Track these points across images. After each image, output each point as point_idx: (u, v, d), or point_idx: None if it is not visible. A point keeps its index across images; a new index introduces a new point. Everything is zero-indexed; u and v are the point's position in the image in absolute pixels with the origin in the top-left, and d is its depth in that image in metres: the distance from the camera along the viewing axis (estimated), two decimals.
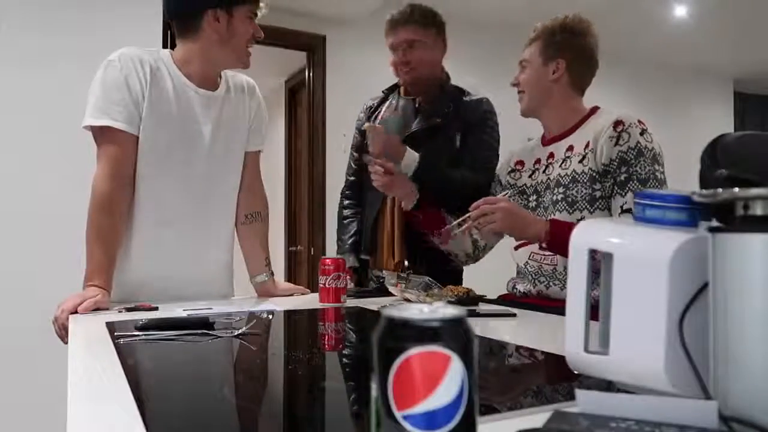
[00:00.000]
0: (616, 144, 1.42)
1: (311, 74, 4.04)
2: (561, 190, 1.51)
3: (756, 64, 5.72)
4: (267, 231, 1.73)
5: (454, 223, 1.55)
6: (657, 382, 0.58)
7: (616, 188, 1.42)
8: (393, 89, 2.08)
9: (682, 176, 1.43)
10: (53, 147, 2.49)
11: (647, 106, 5.47)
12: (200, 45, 1.49)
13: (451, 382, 0.37)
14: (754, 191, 0.51)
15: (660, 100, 5.62)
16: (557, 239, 1.37)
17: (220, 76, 1.58)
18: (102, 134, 1.41)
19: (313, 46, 3.99)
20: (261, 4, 1.53)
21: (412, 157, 1.75)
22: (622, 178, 1.41)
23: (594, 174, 1.45)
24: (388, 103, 2.04)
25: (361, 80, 4.20)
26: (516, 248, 1.60)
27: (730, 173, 0.58)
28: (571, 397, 0.55)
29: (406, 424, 0.37)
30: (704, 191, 0.56)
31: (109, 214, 1.40)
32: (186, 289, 1.51)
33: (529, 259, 1.54)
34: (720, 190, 0.53)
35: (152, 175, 1.47)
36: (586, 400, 0.53)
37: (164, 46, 3.04)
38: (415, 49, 1.90)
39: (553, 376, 0.81)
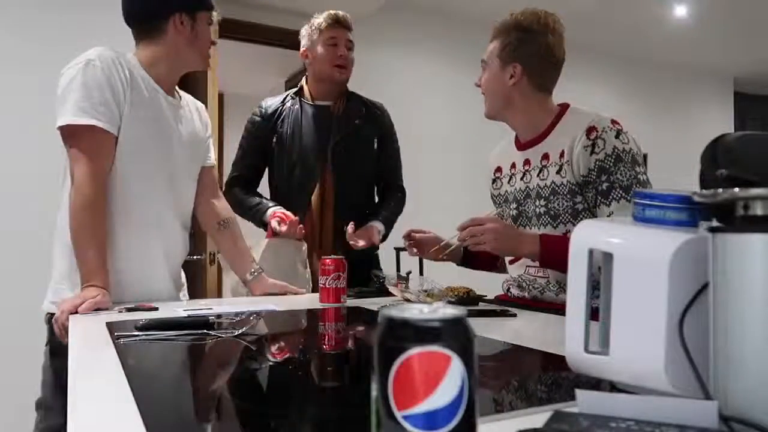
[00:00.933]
0: (592, 153, 1.36)
1: None
2: (542, 202, 1.46)
3: (756, 64, 5.72)
4: (241, 233, 1.79)
5: (442, 244, 1.54)
6: (657, 382, 0.59)
7: (599, 198, 1.37)
8: (296, 93, 2.09)
9: (682, 176, 1.43)
10: (38, 148, 2.49)
11: (647, 106, 5.48)
12: (167, 47, 1.51)
13: (451, 382, 0.37)
14: (754, 191, 0.51)
15: (660, 100, 5.63)
16: (549, 255, 1.34)
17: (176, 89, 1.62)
18: (83, 134, 1.39)
19: None
20: (216, 14, 1.60)
21: (377, 228, 1.95)
22: (604, 187, 1.36)
23: (573, 187, 1.40)
24: (289, 108, 2.04)
25: (360, 80, 4.21)
26: (510, 263, 1.58)
27: (731, 173, 0.58)
28: (571, 397, 0.55)
29: (406, 424, 0.37)
30: (704, 191, 0.56)
31: (98, 214, 1.40)
32: (162, 291, 1.56)
33: (524, 273, 1.53)
34: (720, 190, 0.53)
35: (135, 177, 1.48)
36: (586, 401, 0.53)
37: None
38: (351, 51, 2.02)
39: (553, 377, 0.81)
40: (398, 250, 3.69)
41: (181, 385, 0.81)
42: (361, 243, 1.87)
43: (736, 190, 0.52)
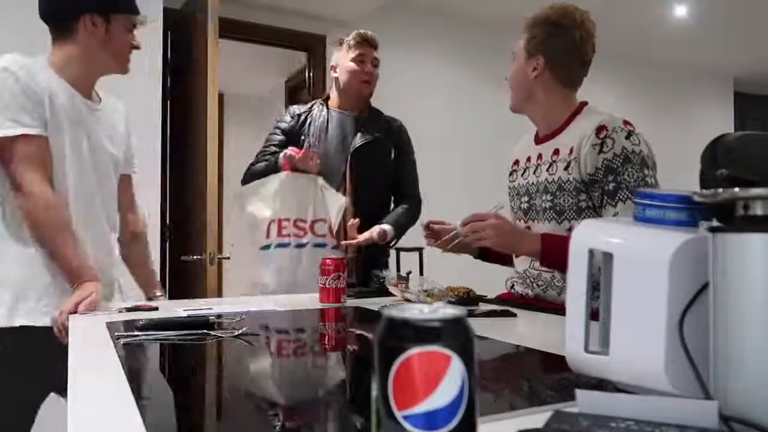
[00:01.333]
0: (600, 152, 1.35)
1: (311, 74, 4.04)
2: (548, 197, 1.47)
3: (756, 64, 5.72)
4: (150, 254, 1.82)
5: (449, 235, 1.52)
6: (657, 382, 0.58)
7: (606, 198, 1.35)
8: (324, 101, 2.22)
9: (683, 176, 1.43)
10: None
11: (647, 106, 5.48)
12: (79, 48, 1.48)
13: (451, 382, 0.37)
14: (755, 191, 0.51)
15: (660, 100, 5.62)
16: (550, 255, 1.34)
17: (96, 92, 1.59)
18: (18, 143, 1.37)
19: (313, 46, 3.99)
20: (140, 18, 1.56)
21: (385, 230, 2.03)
22: (611, 187, 1.34)
23: (579, 184, 1.39)
24: (317, 114, 2.16)
25: None
26: (516, 256, 1.58)
27: (731, 173, 0.58)
28: (571, 397, 0.55)
29: (406, 424, 0.37)
30: (704, 191, 0.56)
31: (61, 211, 1.40)
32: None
33: (529, 267, 1.53)
34: (720, 190, 0.53)
35: (74, 178, 1.47)
36: (586, 400, 0.53)
37: (164, 47, 3.04)
38: (377, 68, 2.18)
39: (553, 377, 0.81)
40: (398, 250, 3.70)
41: (181, 385, 0.81)
42: (361, 238, 1.95)
43: (736, 190, 0.52)
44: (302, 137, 2.10)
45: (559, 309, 1.26)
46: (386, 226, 2.03)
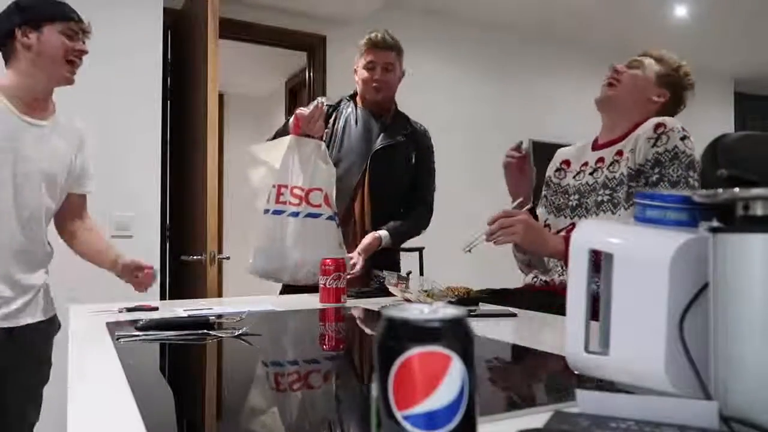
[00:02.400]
0: (654, 145, 1.41)
1: (311, 74, 4.04)
2: (607, 192, 1.50)
3: (756, 65, 5.72)
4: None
5: (476, 236, 1.53)
6: (657, 383, 0.58)
7: (648, 189, 1.39)
8: (351, 97, 2.22)
9: None
10: None
11: None
12: (20, 64, 1.51)
13: (451, 382, 0.37)
14: (755, 191, 0.51)
15: None
16: None
17: (53, 107, 1.61)
18: None
19: (314, 47, 3.99)
20: (82, 24, 1.57)
21: (380, 236, 1.99)
22: (654, 179, 1.39)
23: (632, 172, 1.44)
24: (343, 110, 2.16)
25: None
26: (541, 255, 1.57)
27: (731, 173, 0.58)
28: (571, 397, 0.55)
29: (406, 424, 0.37)
30: (705, 191, 0.56)
31: None
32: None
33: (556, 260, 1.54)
34: (720, 190, 0.53)
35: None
36: (587, 401, 0.53)
37: (164, 47, 3.05)
38: (390, 72, 2.11)
39: (553, 377, 0.81)
40: (398, 250, 3.70)
41: (181, 385, 0.81)
42: (357, 259, 1.93)
43: (737, 190, 0.52)
44: (326, 129, 2.08)
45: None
46: (382, 233, 2.00)
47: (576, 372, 0.68)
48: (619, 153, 1.51)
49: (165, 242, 3.21)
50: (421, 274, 3.41)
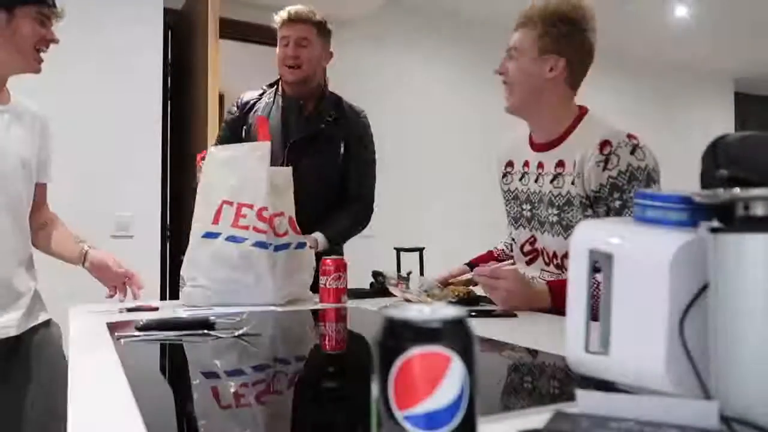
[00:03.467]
0: (605, 168, 1.30)
1: None
2: (555, 211, 1.42)
3: (757, 65, 5.73)
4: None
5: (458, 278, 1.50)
6: (658, 383, 0.58)
7: (612, 215, 1.31)
8: (272, 85, 2.03)
9: (683, 176, 1.42)
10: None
11: (647, 106, 5.48)
12: None
13: (451, 383, 0.37)
14: (755, 192, 0.51)
15: (660, 100, 5.63)
16: (560, 302, 1.32)
17: (7, 92, 1.50)
18: None
19: None
20: (55, 10, 1.45)
21: (316, 240, 1.76)
22: (617, 205, 1.30)
23: (584, 200, 1.35)
24: (265, 100, 1.99)
25: (361, 80, 4.22)
26: (527, 263, 1.54)
27: (731, 174, 0.58)
28: (571, 397, 0.55)
29: (406, 425, 0.37)
30: (705, 192, 0.56)
31: None
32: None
33: (539, 275, 1.51)
34: (721, 190, 0.53)
35: None
36: (587, 401, 0.53)
37: (164, 47, 3.05)
38: (306, 48, 1.89)
39: (553, 377, 0.81)
40: (398, 250, 3.70)
41: (181, 385, 0.81)
42: None
43: (737, 190, 0.52)
44: (244, 129, 1.91)
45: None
46: (317, 235, 1.77)
47: (576, 372, 0.68)
48: (561, 164, 1.41)
49: (165, 242, 3.21)
50: (422, 274, 3.42)
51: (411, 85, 4.34)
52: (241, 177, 1.44)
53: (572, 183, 1.38)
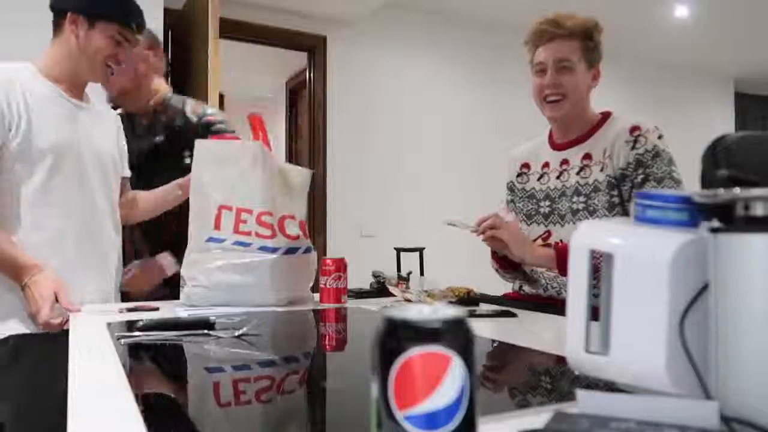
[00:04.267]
0: (633, 148, 1.41)
1: (312, 75, 4.04)
2: (582, 199, 1.49)
3: (757, 65, 5.72)
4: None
5: (463, 223, 1.50)
6: (658, 383, 0.58)
7: (634, 191, 1.40)
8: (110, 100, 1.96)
9: (683, 176, 1.43)
10: None
11: (648, 106, 5.48)
12: (62, 46, 1.49)
13: (451, 383, 0.37)
14: (755, 192, 0.51)
15: (660, 100, 5.63)
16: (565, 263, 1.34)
17: (86, 94, 1.59)
18: None
19: (314, 47, 3.99)
20: (136, 35, 1.53)
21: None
22: (639, 179, 1.41)
23: (612, 180, 1.44)
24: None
25: (362, 80, 4.21)
26: (526, 263, 1.56)
27: (731, 174, 0.58)
28: (571, 397, 0.55)
29: (406, 425, 0.37)
30: (705, 191, 0.56)
31: None
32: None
33: (545, 270, 1.53)
34: (721, 190, 0.53)
35: (66, 177, 1.47)
36: (587, 401, 0.53)
37: (165, 47, 3.04)
38: (125, 52, 1.69)
39: (553, 377, 0.81)
40: (398, 250, 3.70)
41: (181, 385, 0.81)
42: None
43: (737, 190, 0.52)
44: None
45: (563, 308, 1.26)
46: (168, 258, 1.78)
47: (576, 372, 0.68)
48: (587, 156, 1.50)
49: None
50: (422, 274, 3.42)
51: (411, 85, 4.34)
52: (235, 178, 1.40)
53: (601, 170, 1.47)
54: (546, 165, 1.59)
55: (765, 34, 4.91)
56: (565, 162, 1.54)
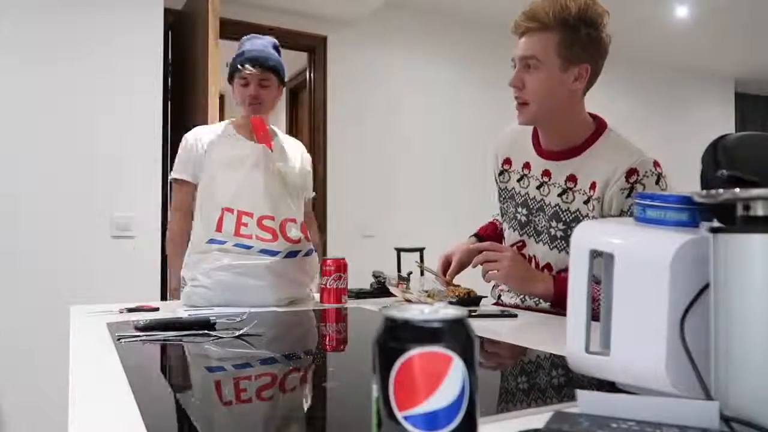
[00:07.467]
0: (629, 196, 1.26)
1: (312, 75, 4.04)
2: (561, 226, 1.36)
3: (757, 65, 5.72)
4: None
5: (435, 278, 1.47)
6: (658, 383, 0.59)
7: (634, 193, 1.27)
8: None
9: (683, 176, 1.42)
10: (52, 141, 2.49)
11: (647, 106, 5.48)
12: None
13: (452, 383, 0.37)
14: (755, 192, 0.51)
15: (661, 100, 5.63)
16: (563, 298, 1.28)
17: (272, 133, 1.94)
18: (178, 187, 2.02)
19: (314, 47, 3.99)
20: (252, 71, 1.87)
21: None
22: None
23: (597, 218, 1.29)
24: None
25: (362, 80, 4.21)
26: (525, 295, 1.48)
27: (731, 174, 0.58)
28: (572, 397, 0.55)
29: (407, 425, 0.37)
30: (705, 192, 0.56)
31: (174, 245, 2.06)
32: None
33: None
34: (721, 190, 0.53)
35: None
36: (587, 401, 0.53)
37: (164, 47, 3.05)
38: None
39: (553, 377, 0.81)
40: (398, 250, 3.70)
41: (181, 385, 0.81)
42: None
43: (737, 190, 0.52)
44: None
45: (551, 315, 1.24)
46: None
47: (576, 372, 0.68)
48: (572, 178, 1.34)
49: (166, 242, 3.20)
50: (422, 274, 3.42)
51: (411, 85, 4.34)
52: (239, 180, 1.43)
53: (585, 203, 1.32)
54: (527, 166, 1.44)
55: (765, 35, 4.90)
56: (546, 173, 1.39)
